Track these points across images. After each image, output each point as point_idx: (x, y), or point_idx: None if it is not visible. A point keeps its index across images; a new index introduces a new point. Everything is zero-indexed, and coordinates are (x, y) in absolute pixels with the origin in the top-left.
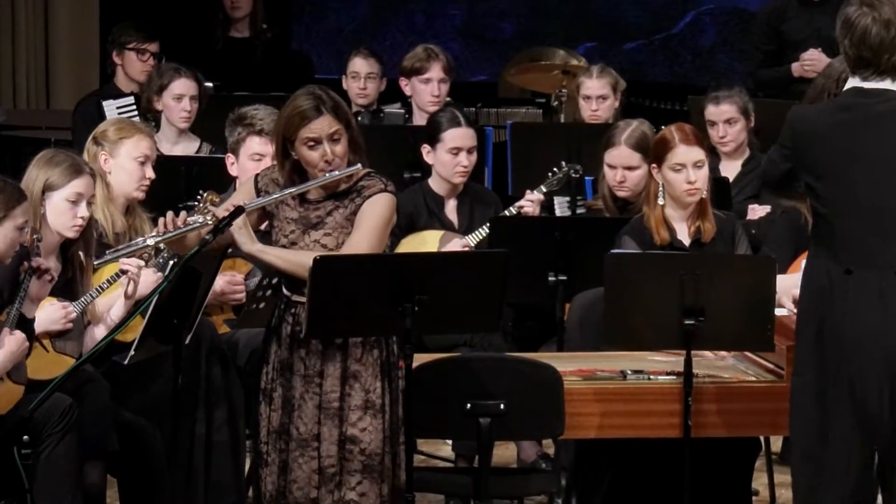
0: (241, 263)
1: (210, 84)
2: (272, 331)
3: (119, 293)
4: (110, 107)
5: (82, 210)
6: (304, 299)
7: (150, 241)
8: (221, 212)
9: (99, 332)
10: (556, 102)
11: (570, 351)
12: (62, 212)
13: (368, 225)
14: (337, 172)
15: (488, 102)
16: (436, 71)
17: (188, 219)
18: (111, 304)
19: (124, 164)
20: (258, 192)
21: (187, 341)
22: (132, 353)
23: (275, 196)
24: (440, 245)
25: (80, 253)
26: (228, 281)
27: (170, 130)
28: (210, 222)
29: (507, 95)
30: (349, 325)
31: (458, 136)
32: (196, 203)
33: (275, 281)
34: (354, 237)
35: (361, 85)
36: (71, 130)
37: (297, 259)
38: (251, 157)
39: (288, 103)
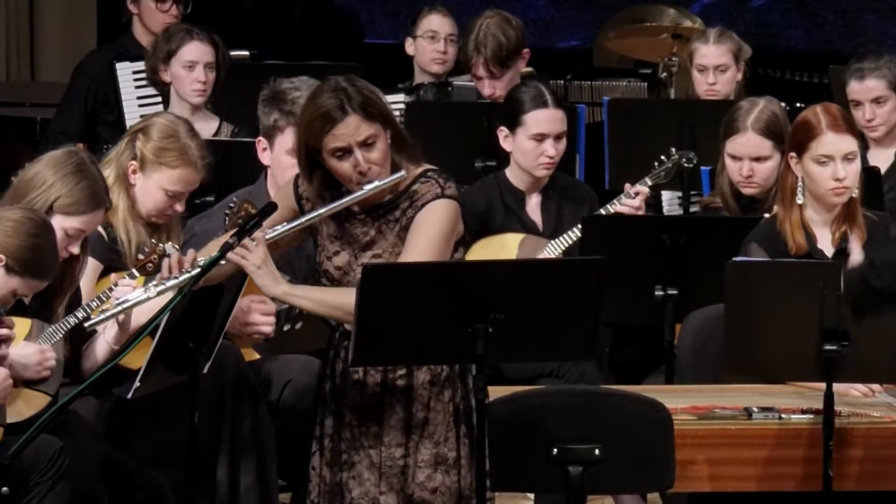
0: None
1: (245, 52)
2: (327, 363)
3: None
4: (125, 72)
5: (74, 246)
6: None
7: (153, 293)
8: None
9: (101, 350)
10: (664, 74)
11: (682, 383)
12: None
13: (423, 240)
14: (376, 183)
15: (581, 74)
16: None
17: (198, 259)
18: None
19: (151, 190)
20: (299, 201)
21: (206, 370)
22: (137, 384)
23: (300, 221)
24: (520, 251)
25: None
26: (256, 308)
27: (181, 106)
28: (225, 263)
29: (604, 65)
30: (406, 351)
31: (544, 119)
32: (227, 213)
33: None
34: (405, 254)
35: (441, 48)
36: (65, 96)
37: (338, 301)
38: (289, 152)
39: (307, 102)
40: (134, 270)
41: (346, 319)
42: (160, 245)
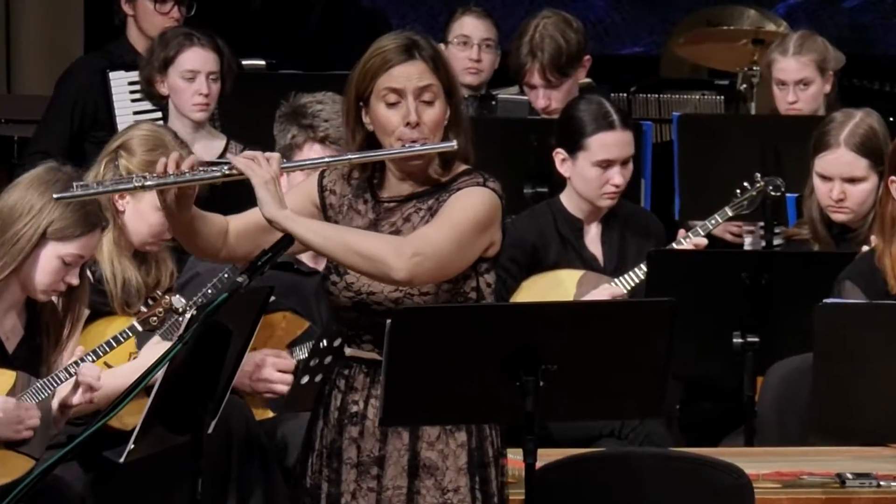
0: (288, 322)
1: (260, 62)
2: (320, 402)
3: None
4: (120, 83)
5: (73, 276)
6: (363, 353)
7: (140, 182)
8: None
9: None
10: (744, 85)
11: (765, 445)
12: (49, 271)
13: (448, 219)
14: (418, 146)
15: (646, 85)
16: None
17: (199, 165)
18: (120, 382)
19: (145, 213)
20: (322, 192)
21: (210, 430)
22: (131, 446)
23: (325, 159)
24: (577, 291)
25: (58, 309)
26: (271, 362)
27: (180, 123)
28: (228, 172)
29: (673, 75)
30: (443, 408)
31: (611, 143)
32: None
33: (336, 343)
34: (429, 226)
35: (473, 55)
36: (47, 111)
37: (349, 237)
38: (308, 171)
39: (368, 51)
40: (136, 323)
41: (355, 264)
42: (167, 297)
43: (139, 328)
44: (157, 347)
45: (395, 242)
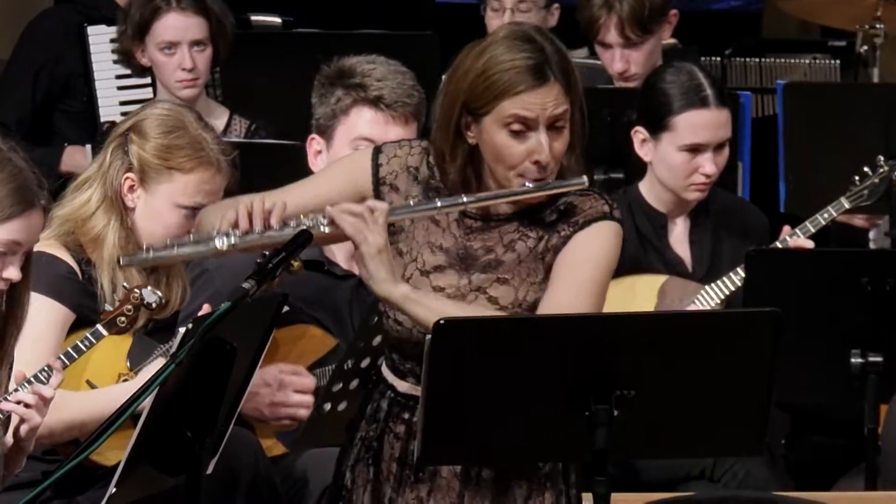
0: (312, 338)
1: (275, 19)
2: (365, 449)
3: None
4: (100, 39)
5: (12, 269)
6: (415, 390)
7: (221, 245)
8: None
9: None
10: (864, 47)
11: (890, 488)
12: None
13: (585, 273)
14: (548, 187)
15: (745, 48)
16: None
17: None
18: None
19: (160, 210)
20: (379, 186)
21: (211, 470)
22: (113, 489)
23: (437, 205)
24: (661, 300)
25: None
26: (289, 382)
27: (169, 98)
28: (324, 226)
29: (778, 35)
30: (495, 444)
31: (703, 123)
32: None
33: (364, 364)
34: (559, 292)
35: (506, 19)
36: (6, 72)
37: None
38: (355, 143)
39: (484, 46)
40: (100, 326)
41: None
42: (135, 291)
43: (103, 332)
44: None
45: None
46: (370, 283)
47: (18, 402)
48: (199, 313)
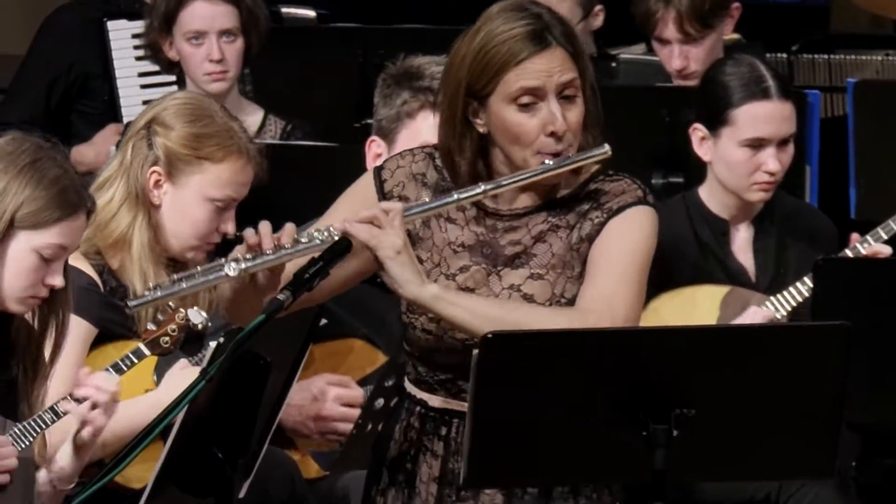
0: (359, 353)
1: (309, 12)
2: (396, 468)
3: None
4: (121, 34)
5: (55, 275)
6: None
7: (231, 271)
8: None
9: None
10: None
11: None
12: (23, 270)
13: (622, 262)
14: (570, 160)
15: (813, 43)
16: None
17: (300, 234)
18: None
19: (189, 204)
20: (384, 197)
21: (243, 494)
22: None
23: (455, 196)
24: (721, 313)
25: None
26: (334, 395)
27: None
28: (337, 237)
29: (848, 30)
30: (546, 465)
31: (765, 116)
32: None
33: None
34: (600, 283)
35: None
36: (21, 71)
37: (518, 320)
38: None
39: (478, 26)
40: (142, 346)
41: None
42: (181, 311)
43: (146, 352)
44: (182, 375)
45: (575, 316)
46: (396, 287)
47: (78, 402)
48: None
